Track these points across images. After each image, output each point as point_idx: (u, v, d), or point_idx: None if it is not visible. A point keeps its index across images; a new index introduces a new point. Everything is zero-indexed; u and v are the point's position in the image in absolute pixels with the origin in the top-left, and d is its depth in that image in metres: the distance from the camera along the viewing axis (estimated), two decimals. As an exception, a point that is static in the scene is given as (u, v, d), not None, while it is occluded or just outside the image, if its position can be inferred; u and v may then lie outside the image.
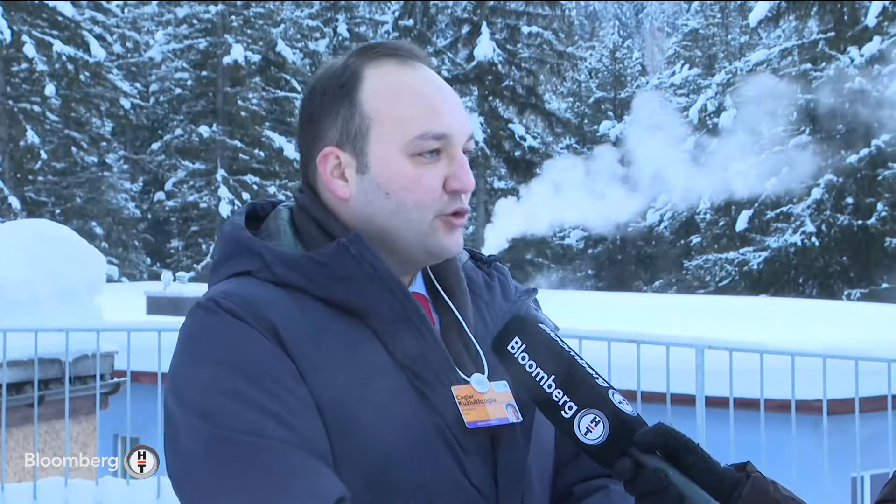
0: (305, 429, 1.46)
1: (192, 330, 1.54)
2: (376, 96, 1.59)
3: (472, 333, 1.63)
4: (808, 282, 30.01)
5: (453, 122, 1.60)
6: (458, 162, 1.60)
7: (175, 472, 1.51)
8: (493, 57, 33.78)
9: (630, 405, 1.45)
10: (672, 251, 36.84)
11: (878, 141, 26.47)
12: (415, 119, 1.58)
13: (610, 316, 13.86)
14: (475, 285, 1.72)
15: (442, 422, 1.53)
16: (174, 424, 1.50)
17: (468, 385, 1.57)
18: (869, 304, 22.64)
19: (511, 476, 1.57)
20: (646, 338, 6.77)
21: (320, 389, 1.48)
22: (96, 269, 8.72)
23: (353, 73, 1.61)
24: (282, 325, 1.50)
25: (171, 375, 1.54)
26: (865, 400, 6.49)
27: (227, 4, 35.17)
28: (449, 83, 1.67)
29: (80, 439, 8.34)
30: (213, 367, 1.48)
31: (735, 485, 1.44)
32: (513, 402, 1.59)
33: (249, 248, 1.59)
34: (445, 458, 1.52)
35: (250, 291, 1.53)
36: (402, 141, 1.57)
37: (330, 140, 1.61)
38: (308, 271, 1.54)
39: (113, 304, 10.58)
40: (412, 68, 1.62)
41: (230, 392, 1.46)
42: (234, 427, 1.44)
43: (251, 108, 35.03)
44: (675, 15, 55.93)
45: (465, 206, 1.61)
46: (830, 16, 29.29)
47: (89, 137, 34.17)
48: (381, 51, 1.63)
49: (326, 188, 1.62)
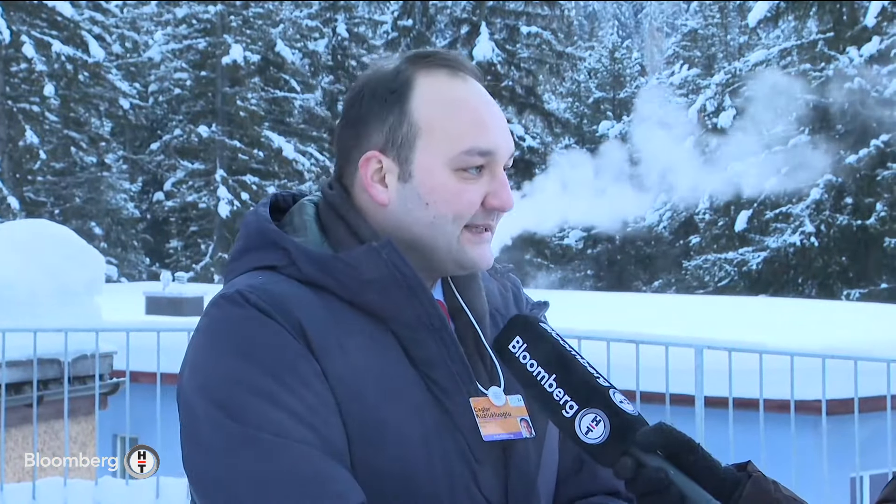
0: (327, 431, 1.45)
1: (217, 322, 1.52)
2: (427, 107, 1.58)
3: (488, 345, 1.63)
4: (808, 282, 30.02)
5: (500, 139, 1.60)
6: (499, 180, 1.60)
7: (193, 466, 1.50)
8: (492, 57, 33.79)
9: (631, 405, 1.45)
10: (671, 251, 36.86)
11: (878, 141, 26.49)
12: (464, 133, 1.57)
13: (609, 316, 13.86)
14: (491, 296, 1.72)
15: (458, 432, 1.53)
16: (195, 416, 1.49)
17: (485, 397, 1.57)
18: (868, 305, 22.64)
19: (521, 489, 1.57)
20: (645, 338, 6.77)
21: (342, 391, 1.48)
22: (95, 269, 8.72)
23: (405, 80, 1.60)
24: (309, 325, 1.49)
25: (193, 366, 1.52)
26: (864, 400, 6.49)
27: (227, 4, 35.16)
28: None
29: (80, 439, 8.34)
30: (239, 362, 1.47)
31: (736, 484, 1.44)
32: (526, 417, 1.60)
33: (274, 243, 1.57)
34: (460, 467, 1.53)
35: (278, 288, 1.52)
36: (449, 154, 1.57)
37: (374, 144, 1.59)
38: (336, 272, 1.53)
39: (112, 305, 10.59)
40: (463, 81, 1.61)
41: (255, 389, 1.45)
42: (257, 424, 1.43)
43: (250, 109, 35.02)
44: (675, 15, 55.95)
45: (493, 223, 1.61)
46: (829, 16, 29.30)
47: (88, 137, 34.15)
48: (435, 60, 1.61)
49: (364, 191, 1.61)
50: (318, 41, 37.39)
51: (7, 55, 31.03)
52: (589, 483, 1.69)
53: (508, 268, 1.81)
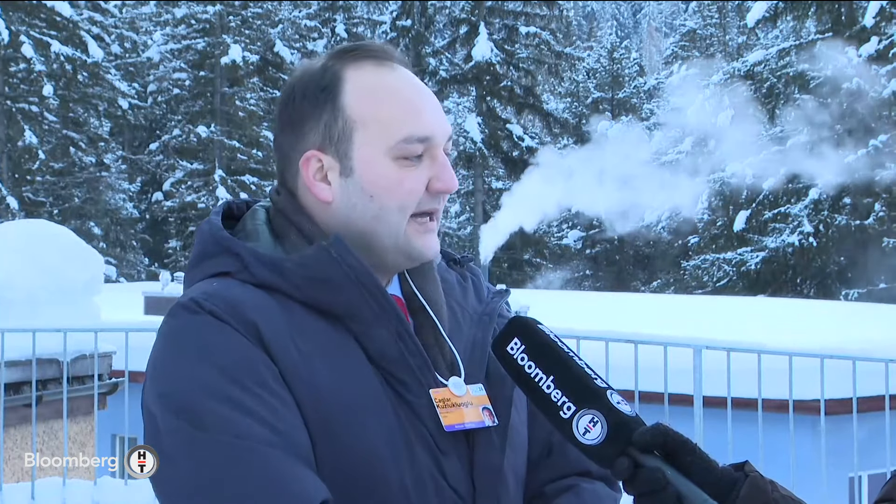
0: (288, 431, 1.46)
1: (173, 330, 1.53)
2: (359, 100, 1.59)
3: (447, 336, 1.64)
4: (806, 282, 30.03)
5: (435, 123, 1.60)
6: (440, 163, 1.60)
7: (157, 475, 1.50)
8: (490, 57, 33.80)
9: (629, 405, 1.45)
10: (670, 251, 36.86)
11: (876, 141, 26.48)
12: (399, 122, 1.58)
13: (608, 316, 13.87)
14: (449, 287, 1.72)
15: (420, 424, 1.54)
16: (155, 425, 1.49)
17: (445, 388, 1.58)
18: (867, 305, 22.66)
19: (487, 477, 1.58)
20: (644, 338, 6.78)
21: (302, 392, 1.49)
22: (94, 269, 8.72)
23: (333, 76, 1.61)
24: (264, 327, 1.50)
25: (151, 376, 1.53)
26: (863, 400, 6.51)
27: (225, 5, 35.16)
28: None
29: (79, 439, 8.34)
30: (196, 369, 1.48)
31: (733, 484, 1.44)
32: (489, 406, 1.61)
33: (227, 249, 1.58)
34: (425, 459, 1.54)
35: (232, 293, 1.53)
36: (388, 143, 1.58)
37: (312, 143, 1.60)
38: (288, 273, 1.54)
39: (111, 305, 10.58)
40: (391, 69, 1.62)
41: (213, 394, 1.45)
42: (217, 429, 1.44)
43: (249, 109, 35.03)
44: (673, 15, 55.97)
45: (438, 207, 1.62)
46: (828, 16, 29.30)
47: (87, 137, 34.16)
48: (360, 53, 1.62)
49: (308, 191, 1.62)
50: (317, 41, 37.39)
51: (6, 55, 31.02)
52: (561, 465, 1.70)
53: (468, 258, 1.82)
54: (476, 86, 34.38)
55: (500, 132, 34.31)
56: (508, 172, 34.30)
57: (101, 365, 7.71)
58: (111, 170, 35.93)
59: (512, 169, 33.79)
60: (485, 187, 34.72)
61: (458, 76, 34.42)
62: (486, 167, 34.50)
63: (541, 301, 15.06)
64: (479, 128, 33.42)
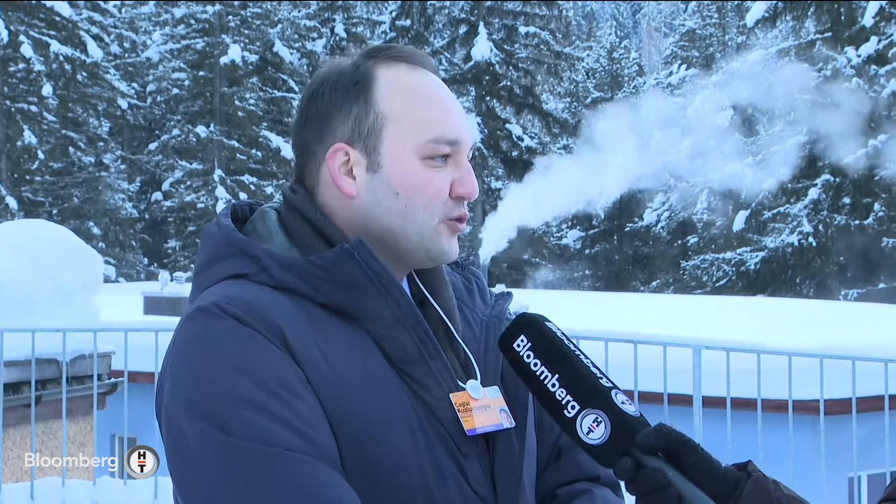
0: (318, 437, 1.44)
1: (196, 334, 1.50)
2: (392, 96, 1.58)
3: (460, 338, 1.63)
4: (806, 282, 30.05)
5: (463, 129, 1.61)
6: (465, 168, 1.60)
7: (184, 483, 1.47)
8: (490, 57, 33.82)
9: (633, 405, 1.45)
10: (669, 251, 36.89)
11: (876, 141, 26.50)
12: (431, 122, 1.57)
13: (607, 316, 13.88)
14: (457, 290, 1.72)
15: (442, 428, 1.54)
16: (181, 432, 1.46)
17: (465, 392, 1.57)
18: (866, 305, 22.67)
19: (507, 479, 1.58)
20: (643, 338, 6.78)
21: (327, 396, 1.47)
22: (93, 269, 8.72)
23: (366, 72, 1.60)
24: (288, 331, 1.48)
25: (174, 383, 1.49)
26: (862, 400, 6.50)
27: (225, 5, 35.16)
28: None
29: (78, 439, 8.33)
30: (223, 374, 1.45)
31: (736, 484, 1.44)
32: (505, 408, 1.60)
33: (243, 251, 1.55)
34: (448, 462, 1.53)
35: (254, 296, 1.50)
36: (418, 142, 1.57)
37: (340, 137, 1.59)
38: (309, 276, 1.52)
39: (110, 305, 10.59)
40: (423, 73, 1.62)
41: (242, 400, 1.43)
42: (249, 436, 1.42)
43: (248, 109, 35.03)
44: (673, 15, 55.97)
45: (467, 213, 1.62)
46: (827, 16, 29.32)
47: (86, 137, 34.17)
48: (393, 54, 1.62)
49: (331, 187, 1.60)
50: (317, 41, 37.41)
51: (5, 55, 31.02)
52: (571, 470, 1.69)
53: (470, 261, 1.81)
54: (475, 86, 34.41)
55: (500, 132, 34.34)
56: (508, 172, 34.32)
57: (100, 365, 7.70)
58: (110, 170, 35.94)
59: (511, 169, 33.81)
60: (484, 187, 34.72)
61: (458, 76, 34.44)
62: (485, 167, 34.51)
63: (540, 301, 15.07)
64: (479, 128, 33.44)
